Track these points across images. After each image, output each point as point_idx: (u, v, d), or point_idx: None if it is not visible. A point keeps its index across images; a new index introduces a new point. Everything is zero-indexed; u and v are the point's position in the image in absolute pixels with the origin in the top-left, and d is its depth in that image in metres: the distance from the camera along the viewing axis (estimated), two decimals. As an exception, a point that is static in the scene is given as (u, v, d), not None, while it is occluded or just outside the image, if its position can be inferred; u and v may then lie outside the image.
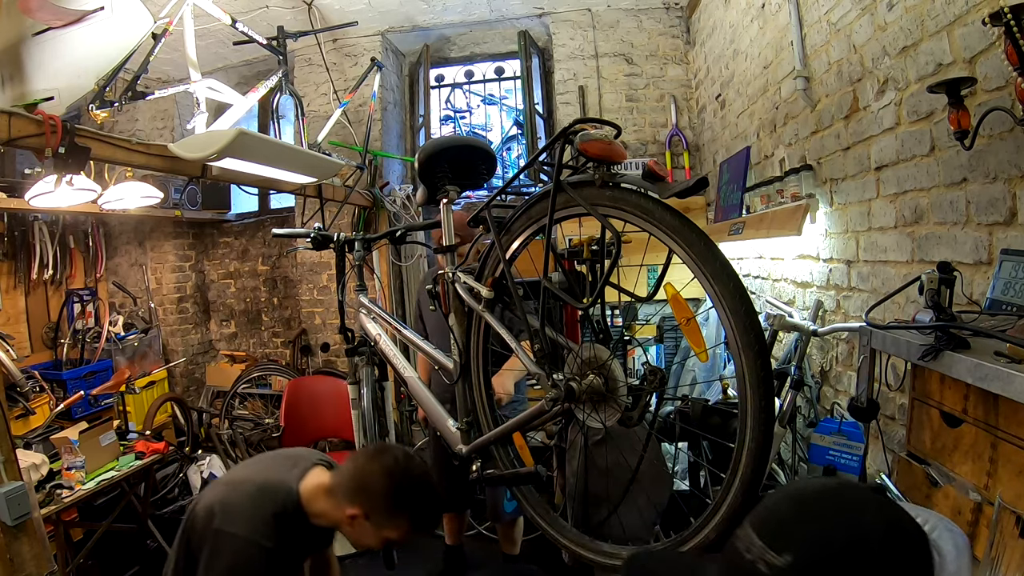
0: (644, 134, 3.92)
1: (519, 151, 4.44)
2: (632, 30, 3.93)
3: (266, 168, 2.41)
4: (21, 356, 3.49)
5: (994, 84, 1.20)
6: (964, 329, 1.03)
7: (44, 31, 1.88)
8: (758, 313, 0.96)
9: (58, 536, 2.31)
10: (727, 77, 3.12)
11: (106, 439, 2.53)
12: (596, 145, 1.04)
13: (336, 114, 3.46)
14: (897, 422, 1.60)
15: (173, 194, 3.85)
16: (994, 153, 1.22)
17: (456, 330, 1.41)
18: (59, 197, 2.33)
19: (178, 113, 4.31)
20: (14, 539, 1.43)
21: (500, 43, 4.34)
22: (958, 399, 1.11)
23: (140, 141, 2.05)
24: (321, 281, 4.08)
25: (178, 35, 2.53)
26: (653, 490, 1.63)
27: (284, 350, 4.42)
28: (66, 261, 3.94)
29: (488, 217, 1.31)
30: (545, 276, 1.17)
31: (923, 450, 1.24)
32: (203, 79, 2.55)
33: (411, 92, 4.48)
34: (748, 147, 2.73)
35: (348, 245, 1.92)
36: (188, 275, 4.55)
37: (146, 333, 4.17)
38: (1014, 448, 0.96)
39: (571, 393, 1.10)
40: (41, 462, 2.34)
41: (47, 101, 1.79)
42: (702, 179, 0.99)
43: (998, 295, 1.14)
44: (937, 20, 1.36)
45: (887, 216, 1.65)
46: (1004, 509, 0.94)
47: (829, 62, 1.95)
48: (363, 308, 1.91)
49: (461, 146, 1.45)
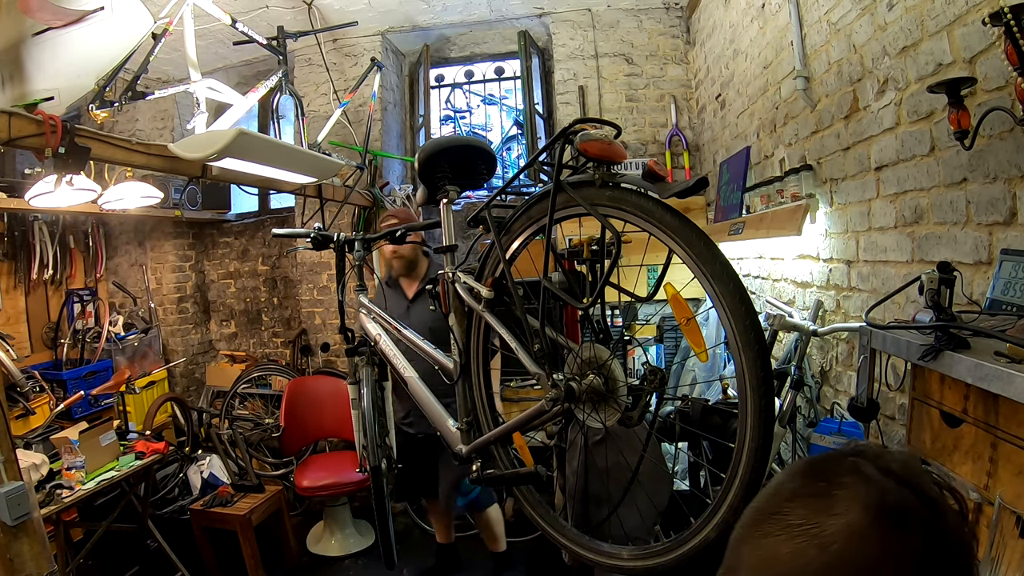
0: (644, 134, 3.92)
1: (519, 151, 4.44)
2: (632, 30, 3.93)
3: (266, 168, 2.41)
4: (21, 356, 3.49)
5: (994, 84, 1.20)
6: (964, 329, 1.03)
7: (44, 31, 1.88)
8: (758, 313, 0.96)
9: (58, 536, 2.31)
10: (727, 77, 3.12)
11: (106, 439, 2.53)
12: (596, 145, 1.04)
13: (336, 114, 3.46)
14: (897, 422, 1.60)
15: (173, 194, 3.85)
16: (994, 153, 1.22)
17: (456, 330, 1.41)
18: (59, 197, 2.33)
19: (178, 113, 4.31)
20: (14, 539, 1.44)
21: (500, 43, 4.34)
22: (958, 399, 1.11)
23: (140, 141, 2.05)
24: (321, 281, 4.08)
25: (178, 35, 2.53)
26: (653, 490, 1.63)
27: (284, 350, 4.42)
28: (66, 261, 3.93)
29: (488, 217, 1.31)
30: (545, 276, 1.17)
31: (923, 450, 1.24)
32: (203, 79, 2.55)
33: (411, 92, 4.48)
34: (748, 147, 2.73)
35: (348, 245, 1.92)
36: (188, 275, 4.55)
37: (146, 333, 4.17)
38: (1014, 448, 0.96)
39: (571, 393, 1.10)
40: (41, 462, 2.35)
41: (47, 101, 1.79)
42: (702, 179, 0.99)
43: (998, 295, 1.14)
44: (937, 20, 1.36)
45: (887, 216, 1.65)
46: (1004, 509, 0.94)
47: (829, 62, 1.95)
48: (363, 308, 1.91)
49: (461, 146, 1.45)
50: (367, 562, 3.10)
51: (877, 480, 0.42)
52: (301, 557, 3.19)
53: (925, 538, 0.40)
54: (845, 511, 0.40)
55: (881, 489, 0.41)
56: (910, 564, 0.39)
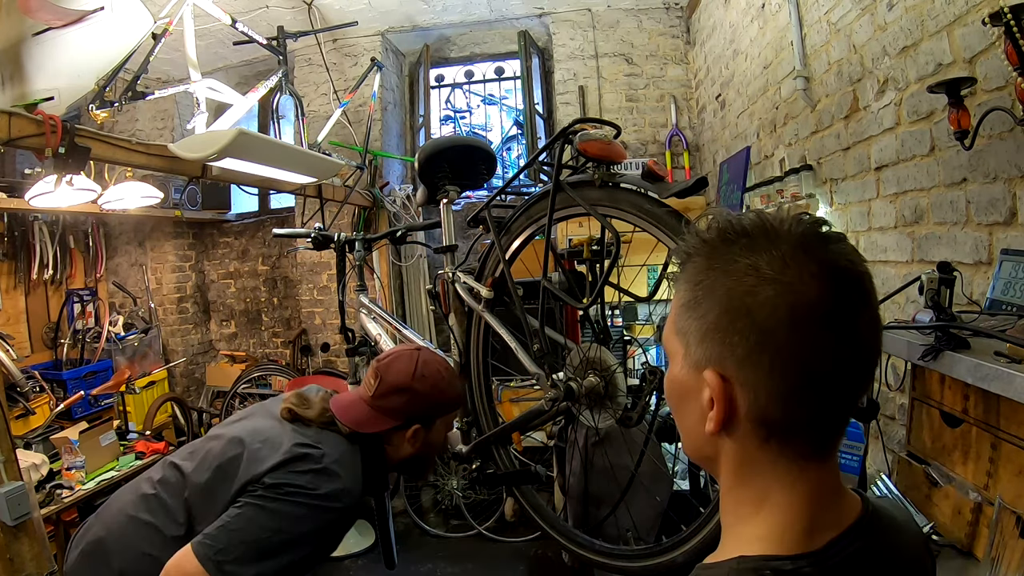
0: (644, 134, 3.92)
1: (519, 151, 4.44)
2: (632, 30, 3.93)
3: (266, 168, 2.41)
4: (21, 356, 3.48)
5: (994, 84, 1.20)
6: (964, 329, 1.03)
7: (44, 31, 1.88)
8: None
9: (58, 536, 2.31)
10: (727, 77, 3.12)
11: (106, 439, 2.54)
12: (596, 145, 1.04)
13: (336, 114, 3.46)
14: (897, 422, 1.60)
15: (173, 194, 3.85)
16: (994, 153, 1.22)
17: (456, 330, 1.41)
18: (59, 197, 2.33)
19: (178, 113, 4.31)
20: (14, 539, 1.44)
21: (500, 43, 4.34)
22: (958, 399, 1.11)
23: (140, 141, 2.05)
24: (321, 281, 4.08)
25: (178, 35, 2.53)
26: (653, 490, 1.63)
27: (284, 350, 4.42)
28: (66, 261, 3.93)
29: (488, 217, 1.31)
30: (545, 276, 1.17)
31: (923, 450, 1.24)
32: (203, 79, 2.55)
33: (411, 92, 4.48)
34: (748, 147, 2.73)
35: (348, 245, 1.92)
36: (188, 275, 4.54)
37: (146, 333, 4.16)
38: (1014, 448, 0.96)
39: (571, 393, 1.10)
40: (41, 462, 2.35)
41: (47, 101, 1.79)
42: (701, 179, 0.99)
43: (998, 295, 1.14)
44: (937, 20, 1.36)
45: (887, 216, 1.65)
46: (1004, 509, 0.93)
47: (829, 62, 1.95)
48: (363, 308, 1.91)
49: (461, 146, 1.45)
50: (367, 562, 3.10)
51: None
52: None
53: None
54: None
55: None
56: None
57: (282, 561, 1.06)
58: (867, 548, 0.48)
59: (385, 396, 1.19)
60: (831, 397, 0.46)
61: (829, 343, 0.44)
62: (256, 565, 1.03)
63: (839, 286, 0.45)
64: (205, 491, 1.11)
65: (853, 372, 0.46)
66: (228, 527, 1.04)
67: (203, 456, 1.15)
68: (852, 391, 0.48)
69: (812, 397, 0.45)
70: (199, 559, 1.00)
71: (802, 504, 0.47)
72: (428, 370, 1.21)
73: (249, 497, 1.07)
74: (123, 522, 1.14)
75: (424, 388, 1.19)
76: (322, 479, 1.09)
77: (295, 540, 1.07)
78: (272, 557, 1.05)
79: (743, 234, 0.47)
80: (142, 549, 1.08)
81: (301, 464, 1.09)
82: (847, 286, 0.45)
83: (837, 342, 0.44)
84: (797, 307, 0.44)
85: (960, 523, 1.05)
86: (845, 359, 0.45)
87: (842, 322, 0.44)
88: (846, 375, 0.46)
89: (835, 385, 0.46)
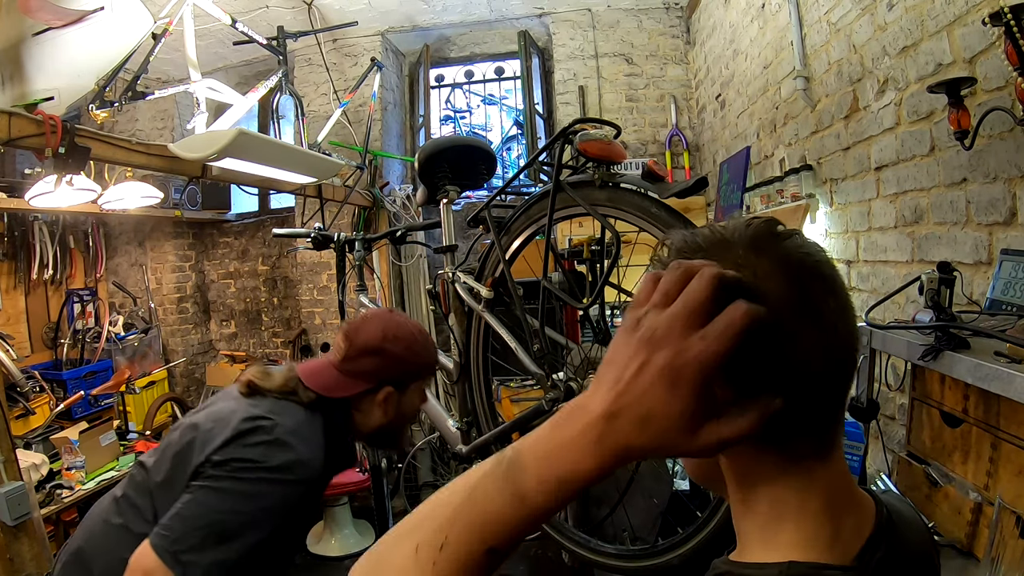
0: (644, 134, 3.92)
1: (519, 151, 4.44)
2: (632, 30, 3.93)
3: (266, 168, 2.41)
4: (21, 356, 3.48)
5: (994, 84, 1.20)
6: (964, 329, 1.03)
7: (44, 31, 1.88)
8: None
9: (58, 536, 2.31)
10: (727, 77, 3.12)
11: (106, 439, 2.54)
12: (596, 145, 1.04)
13: (336, 114, 3.46)
14: (897, 422, 1.60)
15: (173, 194, 3.85)
16: (994, 153, 1.22)
17: (456, 330, 1.41)
18: (59, 197, 2.33)
19: (178, 113, 4.31)
20: (14, 539, 1.44)
21: (500, 43, 4.34)
22: (958, 399, 1.11)
23: (140, 141, 2.05)
24: (321, 281, 4.08)
25: (178, 35, 2.53)
26: (653, 490, 1.63)
27: (284, 350, 4.42)
28: (66, 261, 3.93)
29: (488, 217, 1.31)
30: (545, 276, 1.17)
31: (923, 450, 1.24)
32: (203, 79, 2.55)
33: (411, 92, 4.48)
34: (748, 147, 2.73)
35: (348, 245, 1.92)
36: (188, 275, 4.55)
37: (146, 333, 4.17)
38: (1014, 448, 0.96)
39: (571, 393, 1.10)
40: (41, 462, 2.35)
41: (47, 101, 1.79)
42: (702, 179, 0.99)
43: (998, 295, 1.14)
44: (937, 20, 1.36)
45: (887, 216, 1.65)
46: (1004, 509, 0.94)
47: (829, 62, 1.95)
48: (363, 308, 1.91)
49: (461, 146, 1.45)
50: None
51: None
52: (301, 557, 3.19)
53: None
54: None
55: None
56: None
57: (246, 542, 1.00)
58: (891, 552, 0.48)
59: (355, 359, 1.14)
60: (815, 391, 0.46)
61: (798, 336, 0.44)
62: (215, 550, 0.97)
63: (797, 278, 0.44)
64: (165, 483, 1.06)
65: (832, 362, 0.46)
66: (181, 514, 0.99)
67: (163, 449, 1.11)
68: (836, 382, 0.47)
69: (795, 394, 0.44)
70: (156, 552, 0.96)
71: (819, 508, 0.46)
72: (401, 332, 1.17)
73: (200, 480, 1.01)
74: (99, 529, 1.10)
75: (397, 349, 1.15)
76: (274, 450, 1.03)
77: (254, 519, 1.01)
78: (232, 540, 0.99)
79: (698, 249, 0.48)
80: (119, 554, 1.02)
81: (251, 437, 1.03)
82: (806, 277, 0.45)
83: (808, 334, 0.44)
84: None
85: (960, 523, 1.05)
86: (820, 350, 0.45)
87: (808, 313, 0.44)
88: (824, 366, 0.45)
89: (816, 377, 0.45)
